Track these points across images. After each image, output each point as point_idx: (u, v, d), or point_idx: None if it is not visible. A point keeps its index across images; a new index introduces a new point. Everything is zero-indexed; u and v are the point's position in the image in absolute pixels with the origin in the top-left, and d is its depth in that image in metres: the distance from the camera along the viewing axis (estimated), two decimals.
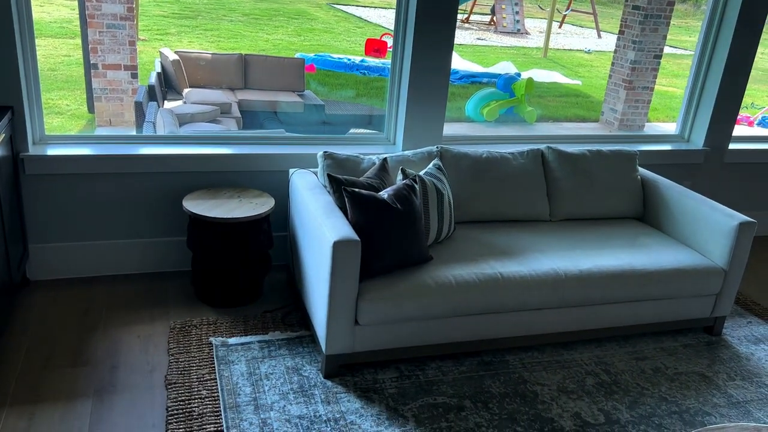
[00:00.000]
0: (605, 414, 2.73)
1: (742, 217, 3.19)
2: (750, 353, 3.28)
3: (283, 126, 6.78)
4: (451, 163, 3.38)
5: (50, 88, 7.35)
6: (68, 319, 3.05)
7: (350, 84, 9.20)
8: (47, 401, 2.52)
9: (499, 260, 2.99)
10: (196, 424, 2.44)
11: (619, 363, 3.09)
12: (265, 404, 2.59)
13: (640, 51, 7.76)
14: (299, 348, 2.97)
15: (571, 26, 16.58)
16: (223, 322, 3.12)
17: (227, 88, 7.04)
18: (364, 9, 15.17)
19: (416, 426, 2.55)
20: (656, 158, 4.29)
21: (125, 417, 2.48)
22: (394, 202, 2.77)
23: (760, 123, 8.72)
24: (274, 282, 3.55)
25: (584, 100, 10.17)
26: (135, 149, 3.35)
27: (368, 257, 2.70)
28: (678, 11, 14.96)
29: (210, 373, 2.74)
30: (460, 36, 13.39)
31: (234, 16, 11.93)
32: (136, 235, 3.46)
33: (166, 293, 3.35)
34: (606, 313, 3.12)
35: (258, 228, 3.17)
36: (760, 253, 4.54)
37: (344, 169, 3.17)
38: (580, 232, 3.40)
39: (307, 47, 10.84)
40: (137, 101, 5.74)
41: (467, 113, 8.49)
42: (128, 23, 6.28)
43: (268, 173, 3.54)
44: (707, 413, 2.79)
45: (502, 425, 2.61)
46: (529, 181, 3.49)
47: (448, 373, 2.90)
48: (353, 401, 2.66)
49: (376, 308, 2.68)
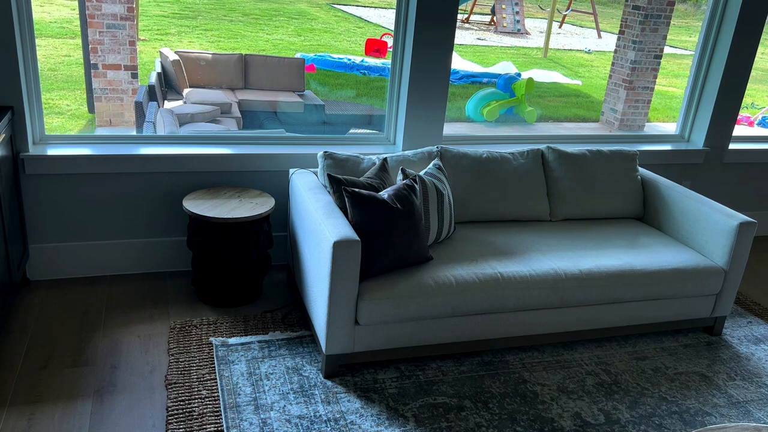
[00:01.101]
0: (605, 414, 2.73)
1: (742, 217, 3.19)
2: (750, 353, 3.28)
3: (283, 126, 6.78)
4: (451, 163, 3.38)
5: (50, 88, 7.35)
6: (68, 319, 3.05)
7: (350, 84, 9.20)
8: (47, 401, 2.52)
9: (499, 260, 2.99)
10: (196, 424, 2.44)
11: (619, 363, 3.09)
12: (265, 404, 2.59)
13: (640, 51, 7.76)
14: (299, 348, 2.97)
15: (571, 26, 16.59)
16: (223, 322, 3.12)
17: (227, 88, 7.04)
18: (364, 9, 15.17)
19: (416, 426, 2.55)
20: (656, 158, 4.29)
21: (125, 417, 2.48)
22: (394, 202, 2.77)
23: (760, 123, 8.72)
24: (274, 282, 3.55)
25: (584, 100, 10.17)
26: (135, 149, 3.36)
27: (368, 257, 2.70)
28: (678, 11, 14.96)
29: (210, 373, 2.74)
30: (460, 36, 13.38)
31: (234, 16, 11.94)
32: (136, 235, 3.46)
33: (166, 293, 3.35)
34: (606, 313, 3.12)
35: (258, 228, 3.17)
36: (760, 253, 4.54)
37: (344, 169, 3.17)
38: (580, 232, 3.40)
39: (307, 47, 10.84)
40: (137, 101, 5.74)
41: (467, 113, 8.49)
42: (128, 23, 6.28)
43: (268, 173, 3.54)
44: (707, 413, 2.79)
45: (502, 425, 2.61)
46: (529, 181, 3.50)
47: (448, 373, 2.90)
48: (353, 401, 2.66)
49: (376, 308, 2.68)
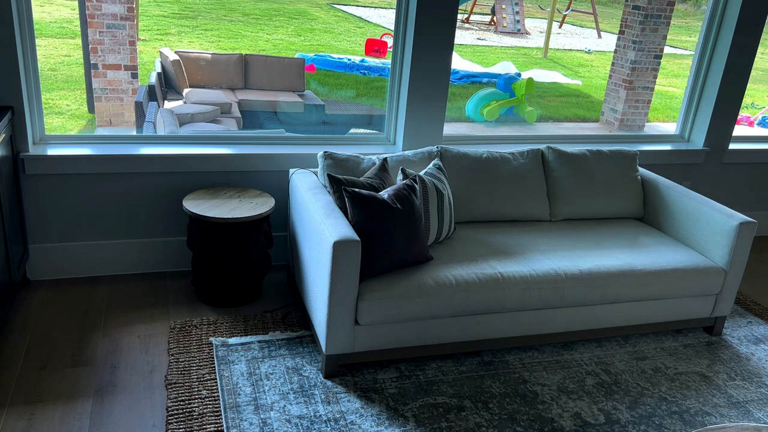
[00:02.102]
0: (605, 414, 2.73)
1: (742, 217, 3.19)
2: (750, 353, 3.28)
3: (283, 126, 6.78)
4: (451, 163, 3.38)
5: (50, 88, 7.35)
6: (68, 319, 3.05)
7: (350, 84, 9.20)
8: (47, 401, 2.52)
9: (499, 260, 2.99)
10: (196, 424, 2.44)
11: (619, 363, 3.09)
12: (265, 404, 2.59)
13: (640, 51, 7.76)
14: (299, 348, 2.97)
15: (571, 26, 16.59)
16: (223, 322, 3.12)
17: (227, 88, 7.04)
18: (364, 9, 15.17)
19: (416, 426, 2.55)
20: (656, 158, 4.29)
21: (125, 417, 2.48)
22: (394, 202, 2.77)
23: (760, 123, 8.72)
24: (274, 282, 3.55)
25: (584, 100, 10.17)
26: (135, 149, 3.36)
27: (368, 257, 2.70)
28: (678, 11, 14.96)
29: (210, 373, 2.74)
30: (460, 36, 13.38)
31: (234, 16, 11.94)
32: (136, 235, 3.46)
33: (166, 293, 3.35)
34: (606, 313, 3.12)
35: (258, 228, 3.17)
36: (760, 253, 4.54)
37: (344, 169, 3.17)
38: (580, 232, 3.40)
39: (307, 47, 10.84)
40: (137, 101, 5.74)
41: (467, 113, 8.49)
42: (128, 23, 6.28)
43: (268, 173, 3.54)
44: (707, 413, 2.79)
45: (502, 425, 2.61)
46: (529, 181, 3.50)
47: (448, 373, 2.90)
48: (353, 401, 2.66)
49: (376, 308, 2.68)
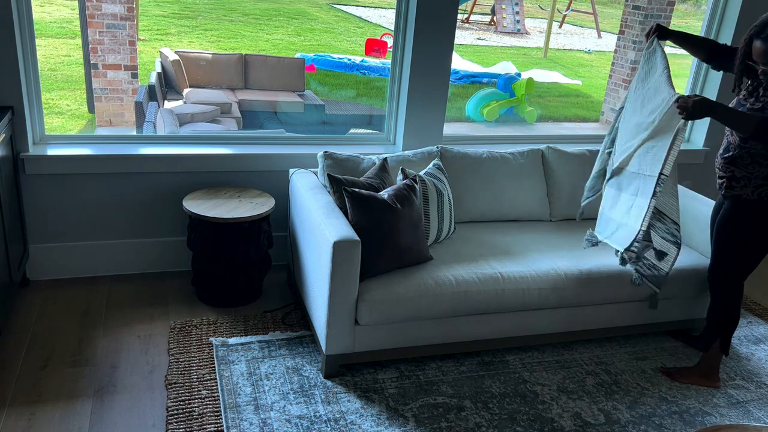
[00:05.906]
0: (605, 414, 2.73)
1: None
2: (750, 353, 3.28)
3: (283, 126, 6.78)
4: (451, 163, 3.38)
5: (50, 88, 7.35)
6: (68, 319, 3.05)
7: (350, 84, 9.20)
8: (47, 401, 2.52)
9: (499, 260, 2.99)
10: (196, 424, 2.44)
11: (619, 363, 3.09)
12: (265, 404, 2.59)
13: (640, 51, 7.75)
14: (299, 348, 2.97)
15: (571, 26, 16.60)
16: (223, 322, 3.12)
17: (227, 88, 7.05)
18: (364, 9, 15.18)
19: (416, 426, 2.55)
20: None
21: (125, 417, 2.48)
22: (394, 202, 2.77)
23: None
24: (274, 282, 3.55)
25: (584, 100, 10.17)
26: (135, 149, 3.36)
27: (368, 257, 2.70)
28: (678, 11, 14.95)
29: (210, 373, 2.74)
30: (460, 36, 13.39)
31: (234, 16, 11.95)
32: (136, 235, 3.46)
33: (166, 293, 3.35)
34: (606, 313, 3.12)
35: (258, 228, 3.17)
36: None
37: (344, 169, 3.17)
38: (580, 232, 3.40)
39: (307, 47, 10.85)
40: (137, 101, 5.74)
41: (467, 113, 8.50)
42: (128, 23, 6.28)
43: (268, 173, 3.54)
44: (707, 413, 2.79)
45: (502, 425, 2.61)
46: (529, 181, 3.50)
47: (448, 373, 2.90)
48: (353, 401, 2.66)
49: (376, 308, 2.67)
